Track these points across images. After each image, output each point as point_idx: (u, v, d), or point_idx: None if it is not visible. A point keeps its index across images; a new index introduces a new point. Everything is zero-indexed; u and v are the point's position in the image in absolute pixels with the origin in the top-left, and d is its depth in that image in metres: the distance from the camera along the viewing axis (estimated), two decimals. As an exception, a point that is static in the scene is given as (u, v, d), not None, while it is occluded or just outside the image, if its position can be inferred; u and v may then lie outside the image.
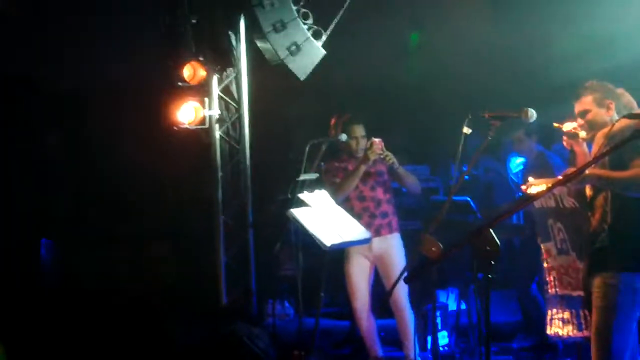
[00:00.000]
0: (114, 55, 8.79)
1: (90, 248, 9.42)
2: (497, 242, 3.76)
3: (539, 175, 6.76)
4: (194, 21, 8.34)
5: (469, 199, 8.34)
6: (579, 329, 6.08)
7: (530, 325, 8.04)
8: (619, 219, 4.94)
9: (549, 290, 6.38)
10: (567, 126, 5.52)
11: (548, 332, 6.36)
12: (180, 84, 8.27)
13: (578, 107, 5.37)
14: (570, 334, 6.17)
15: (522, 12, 8.87)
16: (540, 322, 7.65)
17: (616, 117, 5.14)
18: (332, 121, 7.29)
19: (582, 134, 5.42)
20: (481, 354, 6.21)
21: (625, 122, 4.92)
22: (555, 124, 5.69)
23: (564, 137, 5.63)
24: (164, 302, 8.50)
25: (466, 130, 5.43)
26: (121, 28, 8.61)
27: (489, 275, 3.78)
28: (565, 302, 6.21)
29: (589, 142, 5.40)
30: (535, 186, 5.44)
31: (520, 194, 7.99)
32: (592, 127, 5.28)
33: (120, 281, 8.94)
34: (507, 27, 9.04)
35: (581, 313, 5.99)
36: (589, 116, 5.29)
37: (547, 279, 6.41)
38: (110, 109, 9.40)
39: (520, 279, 8.03)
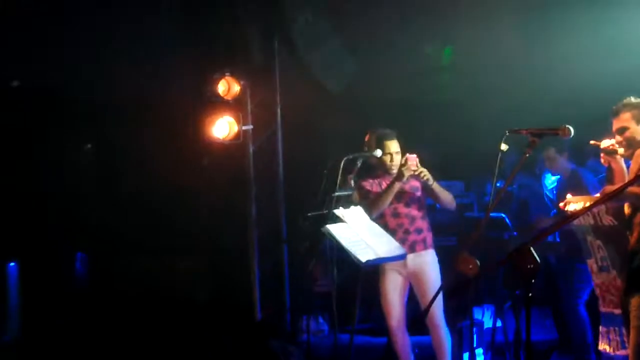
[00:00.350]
0: (150, 69, 8.83)
1: (124, 262, 9.47)
2: (537, 261, 3.73)
3: (572, 193, 6.74)
4: (229, 36, 8.39)
5: (504, 215, 8.29)
6: (623, 347, 6.01)
7: (567, 344, 7.96)
8: None
9: (599, 307, 6.34)
10: (605, 143, 5.49)
11: (599, 347, 6.31)
12: (214, 98, 8.31)
13: (616, 124, 5.33)
14: (616, 351, 6.10)
15: (555, 28, 8.82)
16: (579, 341, 7.60)
17: None
18: (367, 137, 7.26)
19: (621, 150, 5.38)
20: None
21: None
22: (592, 142, 5.64)
23: (602, 154, 5.58)
24: (198, 317, 8.52)
25: (503, 147, 5.40)
26: (158, 44, 8.65)
27: (529, 294, 3.75)
28: (609, 319, 6.15)
29: (627, 159, 5.36)
30: (574, 203, 5.39)
31: (555, 211, 7.93)
32: (631, 144, 5.25)
33: (155, 295, 8.96)
34: (540, 43, 8.99)
35: (624, 331, 5.91)
36: (628, 133, 5.26)
37: (597, 295, 6.36)
38: (146, 123, 9.44)
39: (561, 296, 7.92)
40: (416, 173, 6.86)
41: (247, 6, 8.41)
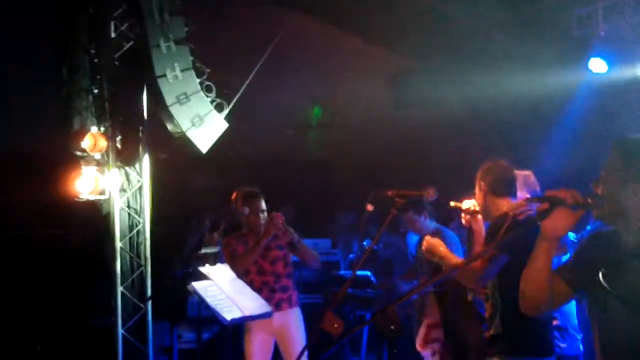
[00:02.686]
0: (15, 122, 8.66)
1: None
2: (400, 321, 3.81)
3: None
4: (95, 91, 8.32)
5: (369, 273, 8.40)
6: None
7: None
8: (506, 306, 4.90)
9: None
10: (466, 204, 5.58)
11: None
12: (79, 153, 8.19)
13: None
14: None
15: (422, 92, 9.10)
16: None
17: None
18: (234, 195, 7.29)
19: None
20: None
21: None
22: (452, 203, 5.73)
23: (462, 215, 5.70)
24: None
25: (370, 207, 5.50)
26: (22, 95, 8.50)
27: (394, 351, 3.83)
28: None
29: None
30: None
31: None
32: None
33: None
34: (406, 106, 9.25)
35: None
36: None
37: None
38: (13, 176, 9.24)
39: None
40: (282, 231, 6.91)
41: (115, 60, 8.37)
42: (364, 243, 5.94)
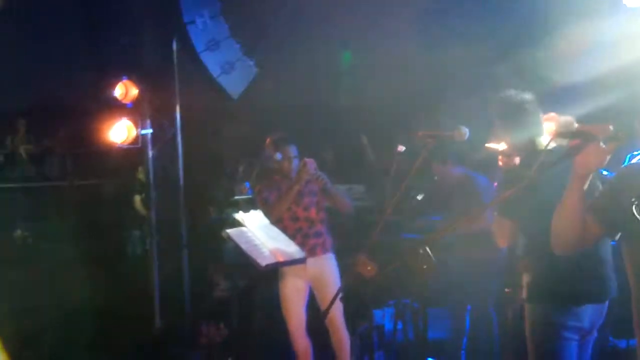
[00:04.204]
0: (47, 74, 8.69)
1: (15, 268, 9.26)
2: (433, 261, 3.76)
3: (462, 200, 6.79)
4: (126, 40, 8.28)
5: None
6: None
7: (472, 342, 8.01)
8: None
9: None
10: (503, 145, 5.41)
11: None
12: (112, 102, 8.19)
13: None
14: None
15: (454, 31, 8.97)
16: (486, 339, 7.69)
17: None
18: (268, 141, 7.26)
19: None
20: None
21: None
22: (489, 145, 5.58)
23: (500, 157, 5.52)
24: (97, 324, 8.38)
25: (400, 148, 5.43)
26: (53, 47, 8.51)
27: (425, 294, 3.78)
28: None
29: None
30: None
31: None
32: None
33: (56, 302, 8.78)
34: (438, 47, 9.12)
35: None
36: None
37: None
38: (46, 126, 9.29)
39: (469, 296, 7.92)
40: (314, 177, 6.88)
41: (145, 9, 8.32)
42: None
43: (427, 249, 3.73)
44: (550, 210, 3.49)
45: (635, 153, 7.41)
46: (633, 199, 3.26)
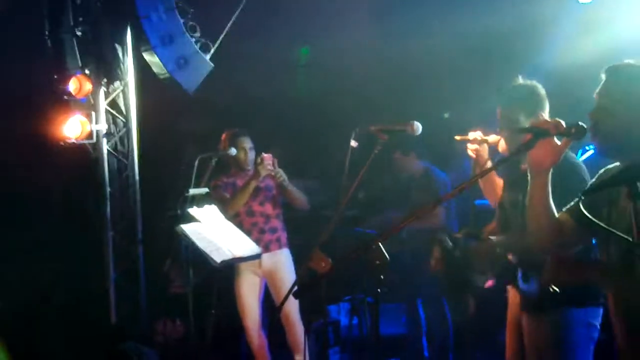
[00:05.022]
0: (2, 67, 8.56)
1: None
2: (386, 256, 3.76)
3: (421, 193, 6.80)
4: (79, 33, 8.19)
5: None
6: None
7: (428, 335, 8.05)
8: None
9: None
10: (472, 134, 5.26)
11: None
12: (66, 97, 8.11)
13: None
14: None
15: (410, 25, 8.97)
16: (440, 332, 7.74)
17: None
18: (223, 136, 7.23)
19: (492, 137, 5.11)
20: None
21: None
22: (458, 137, 5.43)
23: (468, 146, 5.36)
24: (51, 320, 8.30)
25: (353, 143, 5.42)
26: (3, 39, 8.38)
27: (379, 289, 3.78)
28: None
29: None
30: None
31: None
32: None
33: (9, 298, 8.66)
34: (394, 41, 9.13)
35: None
36: None
37: None
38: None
39: (421, 289, 7.94)
40: (272, 173, 6.87)
41: (99, 2, 8.23)
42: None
43: (380, 245, 3.73)
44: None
45: (587, 148, 7.52)
46: (580, 194, 3.28)
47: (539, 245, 3.52)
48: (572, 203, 3.47)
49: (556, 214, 3.39)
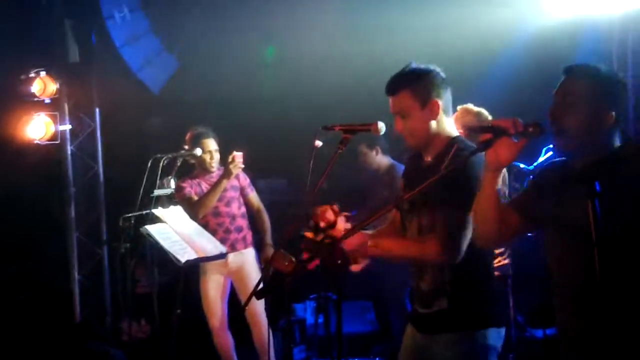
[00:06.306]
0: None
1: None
2: (347, 256, 3.77)
3: (382, 189, 6.84)
4: (44, 34, 8.16)
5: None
6: None
7: (388, 335, 8.10)
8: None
9: None
10: None
11: None
12: (29, 98, 8.07)
13: None
14: None
15: (377, 24, 8.99)
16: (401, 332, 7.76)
17: None
18: (188, 136, 7.22)
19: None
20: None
21: None
22: None
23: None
24: (15, 320, 8.25)
25: (318, 143, 5.43)
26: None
27: (340, 288, 3.79)
28: None
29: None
30: None
31: None
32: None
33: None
34: (361, 40, 9.15)
35: None
36: None
37: None
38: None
39: (385, 289, 7.98)
40: (241, 170, 6.88)
41: (63, 3, 8.20)
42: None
43: (342, 246, 3.74)
44: None
45: (550, 147, 7.59)
46: (549, 195, 3.35)
47: (484, 237, 3.56)
48: (518, 195, 3.59)
49: (502, 208, 3.46)
